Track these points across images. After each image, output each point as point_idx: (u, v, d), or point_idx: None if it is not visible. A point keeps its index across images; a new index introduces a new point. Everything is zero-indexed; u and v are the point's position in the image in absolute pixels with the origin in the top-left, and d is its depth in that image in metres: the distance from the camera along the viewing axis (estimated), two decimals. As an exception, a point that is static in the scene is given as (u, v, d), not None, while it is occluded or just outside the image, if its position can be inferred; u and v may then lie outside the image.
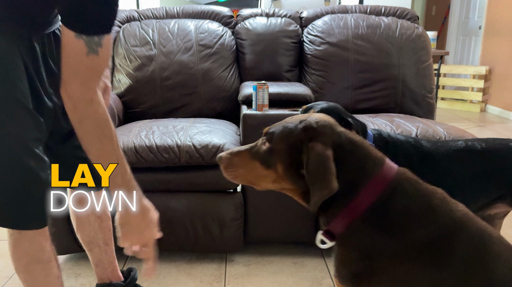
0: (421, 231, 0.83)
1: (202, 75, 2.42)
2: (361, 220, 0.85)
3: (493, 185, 1.43)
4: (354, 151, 0.87)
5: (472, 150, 1.44)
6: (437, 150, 1.45)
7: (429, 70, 2.54)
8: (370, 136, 1.47)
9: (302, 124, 0.88)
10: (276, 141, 0.88)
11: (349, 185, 0.85)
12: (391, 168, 0.88)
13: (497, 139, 1.47)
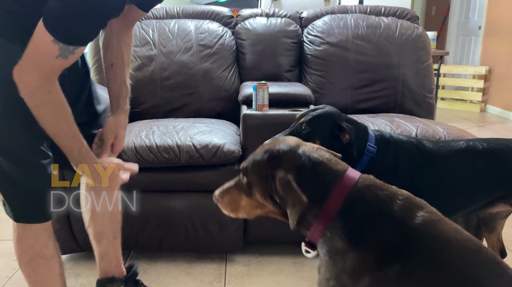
0: (375, 237, 0.87)
1: (202, 75, 2.43)
2: (332, 228, 0.91)
3: (494, 185, 1.43)
4: (314, 168, 0.95)
5: (473, 150, 1.43)
6: (439, 150, 1.45)
7: (429, 70, 2.54)
8: (372, 137, 1.47)
9: (266, 155, 0.99)
10: (249, 174, 1.01)
11: (315, 198, 0.92)
12: (352, 177, 0.94)
13: (499, 139, 1.47)
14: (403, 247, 0.85)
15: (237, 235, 1.92)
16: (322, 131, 1.42)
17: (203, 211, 1.89)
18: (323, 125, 1.42)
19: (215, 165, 1.85)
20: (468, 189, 1.44)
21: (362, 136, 1.45)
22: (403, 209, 0.89)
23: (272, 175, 0.95)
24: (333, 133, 1.42)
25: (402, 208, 0.89)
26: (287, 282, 1.79)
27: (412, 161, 1.43)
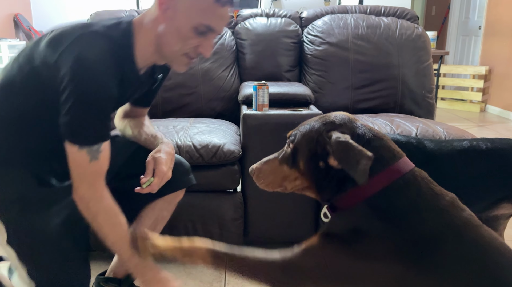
0: (422, 227, 0.85)
1: (202, 75, 2.43)
2: (367, 202, 0.89)
3: (498, 185, 1.42)
4: (372, 141, 0.92)
5: (476, 150, 1.43)
6: (440, 150, 1.44)
7: (429, 70, 2.54)
8: None
9: (321, 120, 0.96)
10: (299, 140, 0.96)
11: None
12: (408, 164, 0.93)
13: (503, 139, 1.47)
14: (444, 240, 0.84)
15: (237, 235, 1.92)
16: None
17: (203, 211, 1.89)
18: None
19: (215, 165, 1.85)
20: (471, 189, 1.43)
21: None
22: (451, 206, 0.88)
23: (328, 136, 0.91)
24: None
25: (449, 204, 0.88)
26: (287, 282, 1.79)
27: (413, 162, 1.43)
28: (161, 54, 1.19)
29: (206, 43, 1.16)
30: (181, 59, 1.18)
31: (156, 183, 1.26)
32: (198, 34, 1.13)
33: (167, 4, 1.11)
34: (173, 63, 1.21)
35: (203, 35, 1.14)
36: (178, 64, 1.21)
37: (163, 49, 1.17)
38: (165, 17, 1.12)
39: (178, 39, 1.14)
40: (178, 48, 1.15)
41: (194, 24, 1.11)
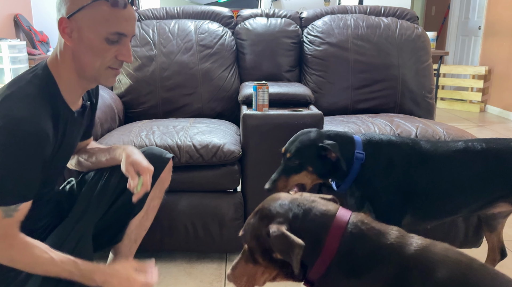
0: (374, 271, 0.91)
1: (202, 75, 2.43)
2: (331, 266, 0.95)
3: (494, 185, 1.43)
4: (306, 215, 0.99)
5: (472, 151, 1.44)
6: (436, 151, 1.45)
7: (428, 70, 2.54)
8: (359, 143, 1.46)
9: (257, 216, 1.03)
10: (248, 240, 1.03)
11: (314, 243, 0.95)
12: (344, 216, 0.99)
13: (499, 139, 1.48)
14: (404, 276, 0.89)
15: (237, 235, 1.91)
16: (310, 158, 1.43)
17: (203, 211, 1.89)
18: (308, 152, 1.43)
19: (215, 165, 1.85)
20: (468, 189, 1.44)
21: (348, 145, 1.45)
22: (398, 239, 0.94)
23: (266, 233, 0.97)
24: (321, 155, 1.42)
25: (396, 238, 0.94)
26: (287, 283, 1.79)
27: (407, 162, 1.43)
28: (86, 77, 1.18)
29: (123, 49, 1.16)
30: (106, 73, 1.18)
31: (146, 180, 1.28)
32: (112, 43, 1.13)
33: (70, 28, 1.11)
34: (100, 79, 1.20)
35: (117, 42, 1.14)
36: (106, 79, 1.20)
37: (85, 71, 1.16)
38: (73, 41, 1.13)
39: (94, 55, 1.14)
40: (98, 64, 1.15)
41: (103, 36, 1.12)
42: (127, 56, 1.17)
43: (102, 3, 1.11)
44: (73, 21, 1.11)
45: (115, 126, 2.23)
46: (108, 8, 1.10)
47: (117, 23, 1.12)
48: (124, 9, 1.13)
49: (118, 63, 1.18)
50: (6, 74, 4.31)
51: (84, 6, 1.10)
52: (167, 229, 1.89)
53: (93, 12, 1.11)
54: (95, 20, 1.11)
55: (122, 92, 2.42)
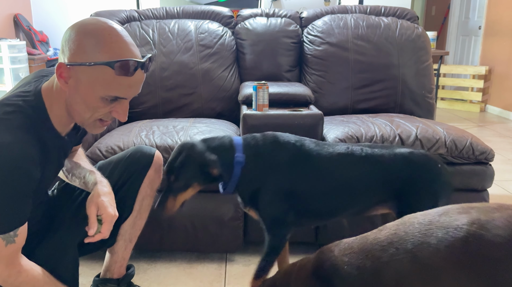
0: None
1: (202, 75, 2.43)
2: None
3: (373, 190, 1.45)
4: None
5: (353, 155, 1.45)
6: (320, 152, 1.45)
7: (429, 70, 2.54)
8: (239, 146, 1.44)
9: None
10: None
11: None
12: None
13: (385, 146, 1.50)
14: None
15: (237, 235, 1.92)
16: (193, 177, 1.39)
17: (203, 211, 1.89)
18: (191, 172, 1.38)
19: (215, 165, 1.85)
20: (345, 191, 1.45)
21: (228, 152, 1.43)
22: None
23: None
24: (204, 171, 1.38)
25: None
26: (287, 282, 1.79)
27: (293, 162, 1.43)
28: (74, 119, 1.14)
29: (119, 108, 1.10)
30: (94, 123, 1.13)
31: (106, 228, 1.20)
32: (107, 103, 1.08)
33: (68, 75, 1.05)
34: (86, 126, 1.15)
35: (113, 102, 1.08)
36: (92, 129, 1.15)
37: (73, 116, 1.12)
38: (69, 87, 1.07)
39: (86, 108, 1.08)
40: (88, 116, 1.10)
41: (100, 95, 1.06)
42: (121, 116, 1.12)
43: (106, 68, 1.03)
44: (72, 71, 1.05)
45: (115, 126, 2.23)
46: (113, 74, 1.04)
47: (119, 89, 1.06)
48: (130, 77, 1.06)
49: (110, 117, 1.13)
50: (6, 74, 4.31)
51: (85, 64, 1.03)
52: (167, 229, 1.89)
53: (95, 73, 1.04)
54: (96, 80, 1.04)
55: (122, 92, 2.41)
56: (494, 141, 4.02)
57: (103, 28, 1.04)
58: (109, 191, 1.27)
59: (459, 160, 1.93)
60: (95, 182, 1.27)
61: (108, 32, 1.04)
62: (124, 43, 1.05)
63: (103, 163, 1.50)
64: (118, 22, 2.55)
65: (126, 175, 1.43)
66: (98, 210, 1.21)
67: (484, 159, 1.93)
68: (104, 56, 1.02)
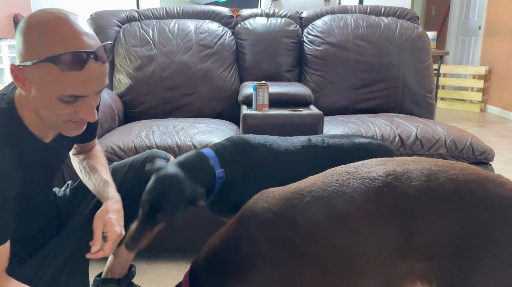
0: None
1: (202, 75, 2.43)
2: None
3: None
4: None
5: (316, 145, 1.46)
6: (286, 147, 1.47)
7: (429, 70, 2.54)
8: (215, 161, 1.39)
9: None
10: None
11: None
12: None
13: (346, 136, 1.52)
14: None
15: (237, 235, 1.91)
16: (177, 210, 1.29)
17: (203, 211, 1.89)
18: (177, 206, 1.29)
19: (215, 165, 1.85)
20: None
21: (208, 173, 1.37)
22: None
23: None
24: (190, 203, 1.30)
25: None
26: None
27: (266, 163, 1.43)
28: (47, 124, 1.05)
29: (83, 107, 0.98)
30: (66, 126, 1.03)
31: (110, 247, 1.13)
32: (68, 103, 0.96)
33: (22, 77, 0.95)
34: (61, 130, 1.06)
35: (73, 102, 0.97)
36: (67, 131, 1.05)
37: (44, 121, 1.03)
38: (27, 90, 0.97)
39: (47, 111, 0.98)
40: (54, 119, 1.00)
41: (55, 96, 0.95)
42: (87, 115, 1.00)
43: (50, 65, 0.91)
44: (24, 72, 0.94)
45: (115, 126, 2.23)
46: (58, 70, 0.92)
47: (71, 87, 0.94)
48: (81, 71, 0.93)
49: (78, 118, 1.01)
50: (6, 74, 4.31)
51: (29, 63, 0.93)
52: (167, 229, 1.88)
53: (41, 72, 0.93)
54: (45, 79, 0.93)
55: (122, 92, 2.41)
56: (494, 141, 4.02)
57: (47, 20, 0.93)
58: (119, 209, 1.21)
59: (459, 160, 1.93)
60: (107, 197, 1.21)
61: (53, 24, 0.92)
62: (71, 33, 0.93)
63: (118, 165, 1.47)
64: (118, 22, 2.55)
65: (140, 178, 1.41)
66: (105, 227, 1.15)
67: (484, 159, 1.94)
68: (46, 51, 0.91)
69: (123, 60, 2.43)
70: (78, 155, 1.40)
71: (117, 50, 2.46)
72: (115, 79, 2.45)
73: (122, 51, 2.44)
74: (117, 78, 2.44)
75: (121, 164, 1.47)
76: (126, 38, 2.46)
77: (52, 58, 0.90)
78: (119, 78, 2.43)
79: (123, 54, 2.43)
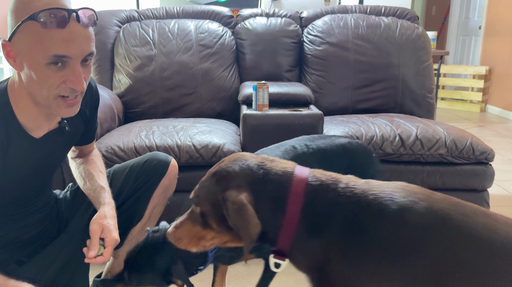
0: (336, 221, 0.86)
1: (202, 75, 2.42)
2: (301, 231, 0.87)
3: None
4: (267, 176, 0.90)
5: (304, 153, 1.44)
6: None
7: (429, 70, 2.54)
8: None
9: (214, 178, 0.91)
10: (202, 203, 0.91)
11: (275, 209, 0.88)
12: (302, 172, 0.91)
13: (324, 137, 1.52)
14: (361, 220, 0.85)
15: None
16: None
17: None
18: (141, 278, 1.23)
19: (215, 165, 1.85)
20: None
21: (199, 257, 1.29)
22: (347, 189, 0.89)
23: (223, 198, 0.87)
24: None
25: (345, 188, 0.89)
26: (287, 282, 1.79)
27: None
28: (40, 105, 1.06)
29: (70, 74, 1.00)
30: (57, 102, 1.03)
31: (109, 252, 1.14)
32: (55, 70, 0.98)
33: (14, 52, 1.00)
34: (53, 111, 1.06)
35: (62, 67, 0.99)
36: (59, 109, 1.05)
37: (36, 99, 1.04)
38: (19, 66, 1.01)
39: (39, 83, 1.00)
40: (46, 92, 1.01)
41: (43, 61, 0.97)
42: (75, 83, 1.00)
43: (32, 24, 0.96)
44: (13, 45, 0.99)
45: (115, 126, 2.23)
46: (40, 28, 0.96)
47: (53, 45, 0.96)
48: (62, 29, 0.96)
49: (68, 90, 1.02)
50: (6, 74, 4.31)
51: (17, 28, 0.97)
52: (167, 229, 1.89)
53: (26, 35, 0.97)
54: (30, 44, 0.97)
55: (122, 92, 2.41)
56: (494, 141, 4.01)
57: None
58: (114, 215, 1.22)
59: (459, 160, 1.93)
60: (103, 203, 1.22)
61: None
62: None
63: (119, 167, 1.46)
64: (118, 22, 2.55)
65: (140, 181, 1.40)
66: (103, 232, 1.15)
67: (484, 159, 1.93)
68: (27, 12, 0.96)
69: (123, 60, 2.43)
70: (76, 159, 1.39)
71: (117, 50, 2.46)
72: (115, 79, 2.45)
73: (122, 51, 2.44)
74: (117, 78, 2.44)
75: (122, 167, 1.46)
76: (126, 38, 2.46)
77: (33, 15, 0.95)
78: (119, 78, 2.43)
79: (123, 54, 2.43)
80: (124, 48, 2.44)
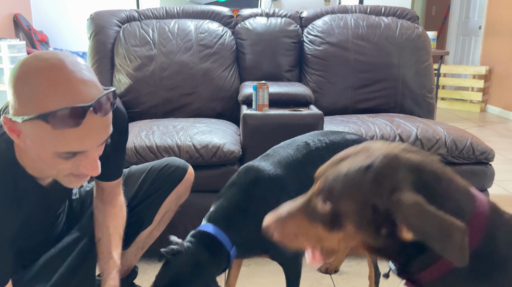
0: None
1: (202, 75, 2.42)
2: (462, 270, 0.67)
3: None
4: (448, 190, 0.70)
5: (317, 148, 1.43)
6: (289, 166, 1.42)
7: (429, 70, 2.54)
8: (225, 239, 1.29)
9: (371, 174, 0.69)
10: (341, 201, 0.70)
11: None
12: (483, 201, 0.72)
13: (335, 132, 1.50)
14: None
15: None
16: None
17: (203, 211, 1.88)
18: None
19: (215, 165, 1.85)
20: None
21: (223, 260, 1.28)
22: None
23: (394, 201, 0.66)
24: None
25: None
26: (287, 282, 1.79)
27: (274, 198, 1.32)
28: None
29: (84, 161, 0.88)
30: (67, 179, 0.94)
31: None
32: (67, 159, 0.87)
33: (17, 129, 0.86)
34: (62, 182, 0.96)
35: (73, 157, 0.87)
36: (69, 183, 0.96)
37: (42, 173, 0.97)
38: (23, 143, 0.87)
39: (46, 166, 0.90)
40: (54, 173, 0.93)
41: (52, 152, 0.85)
42: (88, 169, 0.89)
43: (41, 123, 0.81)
44: (18, 126, 0.85)
45: (115, 126, 2.23)
46: (51, 129, 0.81)
47: (68, 144, 0.84)
48: (78, 127, 0.82)
49: (80, 172, 0.91)
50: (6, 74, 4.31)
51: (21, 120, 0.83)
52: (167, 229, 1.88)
53: (34, 129, 0.83)
54: (39, 137, 0.84)
55: (122, 92, 2.41)
56: (494, 141, 4.02)
57: (40, 69, 0.81)
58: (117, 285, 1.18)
59: (459, 160, 1.93)
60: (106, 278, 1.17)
61: (46, 74, 0.81)
62: (66, 84, 0.81)
63: (136, 169, 1.42)
64: (118, 22, 2.55)
65: (156, 186, 1.38)
66: None
67: (484, 159, 1.93)
68: (38, 107, 0.81)
69: (123, 60, 2.43)
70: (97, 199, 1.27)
71: (117, 50, 2.46)
72: (115, 79, 2.45)
73: (122, 51, 2.44)
74: (117, 78, 2.44)
75: (139, 170, 1.41)
76: (126, 38, 2.46)
77: (43, 115, 0.80)
78: (119, 78, 2.43)
79: (123, 54, 2.43)
80: (124, 48, 2.44)
